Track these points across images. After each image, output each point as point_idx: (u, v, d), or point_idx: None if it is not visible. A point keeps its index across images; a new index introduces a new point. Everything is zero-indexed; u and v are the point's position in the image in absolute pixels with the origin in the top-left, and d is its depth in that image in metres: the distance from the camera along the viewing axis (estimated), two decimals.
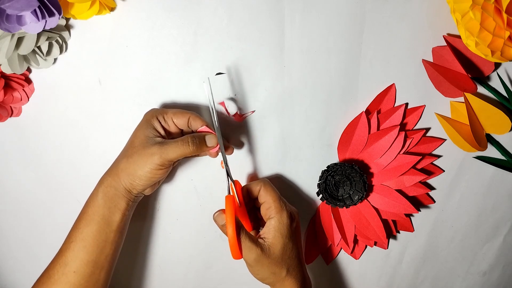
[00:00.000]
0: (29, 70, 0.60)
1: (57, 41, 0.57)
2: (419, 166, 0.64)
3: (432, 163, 0.66)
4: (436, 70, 0.60)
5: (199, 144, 0.54)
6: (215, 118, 0.56)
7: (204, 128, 0.56)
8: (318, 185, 0.63)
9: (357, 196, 0.62)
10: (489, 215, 0.70)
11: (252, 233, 0.62)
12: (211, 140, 0.55)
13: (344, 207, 0.63)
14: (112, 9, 0.57)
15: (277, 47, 0.60)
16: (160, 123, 0.55)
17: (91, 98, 0.61)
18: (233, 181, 0.57)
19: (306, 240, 0.68)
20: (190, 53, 0.59)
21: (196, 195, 0.66)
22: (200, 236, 0.68)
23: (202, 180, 0.65)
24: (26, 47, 0.53)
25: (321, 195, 0.63)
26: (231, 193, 0.56)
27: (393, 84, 0.62)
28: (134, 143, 0.54)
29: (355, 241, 0.67)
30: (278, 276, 0.57)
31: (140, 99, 0.61)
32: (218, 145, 0.56)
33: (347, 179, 0.62)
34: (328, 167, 0.62)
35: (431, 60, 0.61)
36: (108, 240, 0.55)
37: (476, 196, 0.69)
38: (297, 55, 0.60)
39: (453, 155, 0.66)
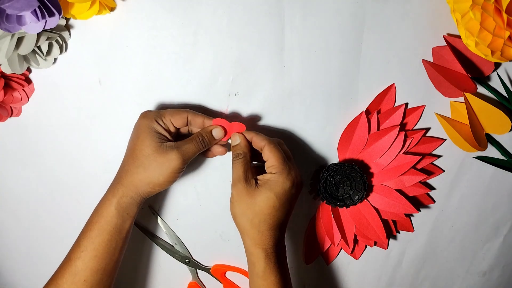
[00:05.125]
0: (29, 70, 0.59)
1: (57, 41, 0.57)
2: (419, 166, 0.64)
3: (432, 163, 0.66)
4: (436, 70, 0.60)
5: (208, 138, 0.56)
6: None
7: (218, 121, 0.57)
8: (318, 185, 0.63)
9: (357, 196, 0.61)
10: (489, 215, 0.70)
11: None
12: (218, 133, 0.57)
13: (344, 207, 0.63)
14: (112, 9, 0.57)
15: (277, 47, 0.60)
16: (161, 126, 0.55)
17: (91, 98, 0.61)
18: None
19: (306, 240, 0.68)
20: (190, 53, 0.59)
21: (196, 195, 0.66)
22: (200, 236, 0.68)
23: (202, 180, 0.65)
24: (26, 47, 0.53)
25: (321, 195, 0.62)
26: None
27: (393, 84, 0.62)
28: (145, 151, 0.54)
29: (355, 241, 0.67)
30: (252, 229, 0.54)
31: (140, 99, 0.61)
32: (225, 137, 0.58)
33: (347, 179, 0.62)
34: (328, 167, 0.62)
35: (431, 60, 0.61)
36: (117, 247, 0.55)
37: (476, 196, 0.69)
38: (297, 55, 0.60)
39: (453, 155, 0.66)
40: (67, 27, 0.58)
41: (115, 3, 0.57)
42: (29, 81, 0.60)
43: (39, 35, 0.53)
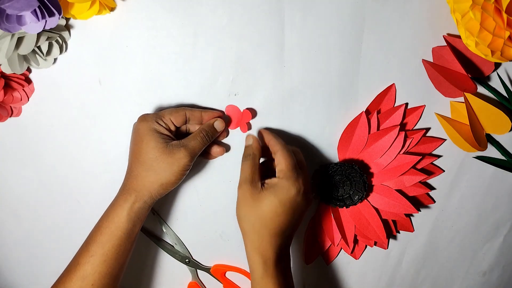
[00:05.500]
0: (29, 70, 0.59)
1: (57, 41, 0.57)
2: (419, 166, 0.64)
3: (432, 163, 0.66)
4: (436, 70, 0.60)
5: (212, 132, 0.58)
6: None
7: (229, 108, 0.60)
8: (318, 185, 0.62)
9: (357, 196, 0.61)
10: (489, 215, 0.70)
11: None
12: (219, 125, 0.59)
13: (344, 207, 0.62)
14: (112, 9, 0.57)
15: (277, 47, 0.59)
16: (162, 126, 0.55)
17: (91, 98, 0.61)
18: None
19: (306, 240, 0.68)
20: (190, 53, 0.59)
21: (196, 195, 0.66)
22: (200, 236, 0.68)
23: (202, 180, 0.65)
24: (26, 47, 0.53)
25: (321, 195, 0.62)
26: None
27: (393, 84, 0.61)
28: (152, 154, 0.54)
29: (355, 241, 0.67)
30: (253, 233, 0.53)
31: (141, 99, 0.61)
32: (235, 124, 0.61)
33: (347, 179, 0.62)
34: (328, 167, 0.62)
35: (431, 60, 0.61)
36: (125, 251, 0.56)
37: (476, 196, 0.69)
38: (297, 55, 0.60)
39: (453, 155, 0.66)
40: (67, 27, 0.58)
41: (115, 3, 0.57)
42: (29, 81, 0.60)
43: (39, 35, 0.53)
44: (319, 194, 0.63)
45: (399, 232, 0.69)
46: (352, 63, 0.61)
